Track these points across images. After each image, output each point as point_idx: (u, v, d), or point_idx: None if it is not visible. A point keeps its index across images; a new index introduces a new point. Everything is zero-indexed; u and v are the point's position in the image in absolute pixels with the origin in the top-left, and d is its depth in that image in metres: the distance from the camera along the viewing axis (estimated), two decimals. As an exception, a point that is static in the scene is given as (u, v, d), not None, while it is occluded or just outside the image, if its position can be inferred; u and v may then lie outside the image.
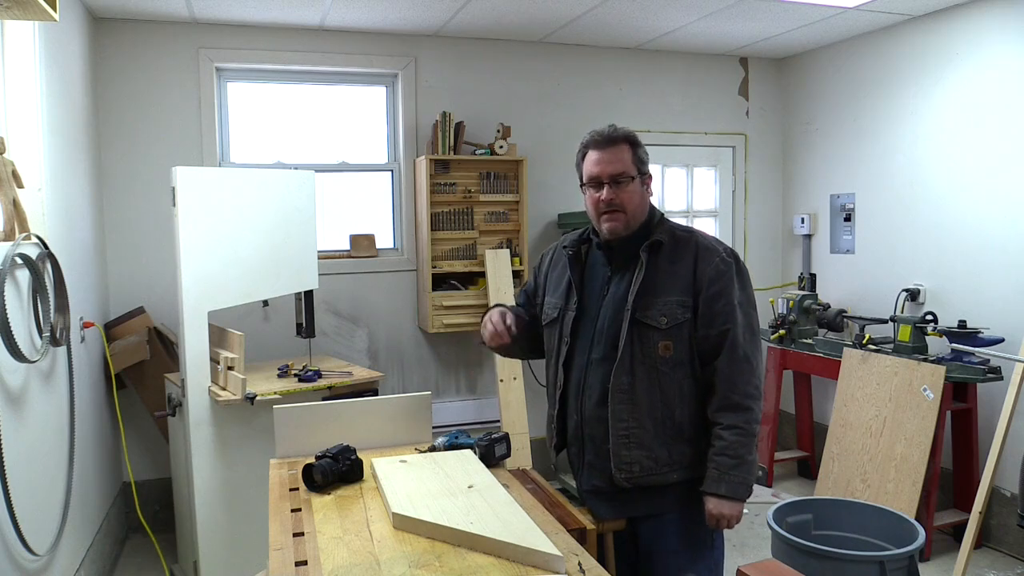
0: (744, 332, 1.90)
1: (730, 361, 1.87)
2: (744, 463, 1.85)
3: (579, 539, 1.61)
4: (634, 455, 1.88)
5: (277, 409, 2.09)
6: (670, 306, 1.88)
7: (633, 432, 1.88)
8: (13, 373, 2.35)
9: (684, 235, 1.98)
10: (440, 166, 4.23)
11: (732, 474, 1.83)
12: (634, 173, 1.94)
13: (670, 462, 1.90)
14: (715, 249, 1.95)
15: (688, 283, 1.90)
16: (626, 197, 1.92)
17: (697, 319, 1.89)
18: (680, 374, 1.90)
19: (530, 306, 2.19)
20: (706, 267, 1.91)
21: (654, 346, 1.88)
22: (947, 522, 3.72)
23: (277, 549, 1.50)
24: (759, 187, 5.17)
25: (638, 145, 1.97)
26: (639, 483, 1.89)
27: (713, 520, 1.87)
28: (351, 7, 3.80)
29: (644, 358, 1.88)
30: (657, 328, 1.88)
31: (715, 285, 1.89)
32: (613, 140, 1.95)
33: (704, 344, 1.90)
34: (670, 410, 1.90)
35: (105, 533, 3.49)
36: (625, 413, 1.88)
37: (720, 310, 1.89)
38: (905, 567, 2.59)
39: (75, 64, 3.43)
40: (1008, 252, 3.67)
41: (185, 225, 2.91)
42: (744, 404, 1.87)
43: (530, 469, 2.08)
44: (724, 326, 1.88)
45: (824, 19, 4.12)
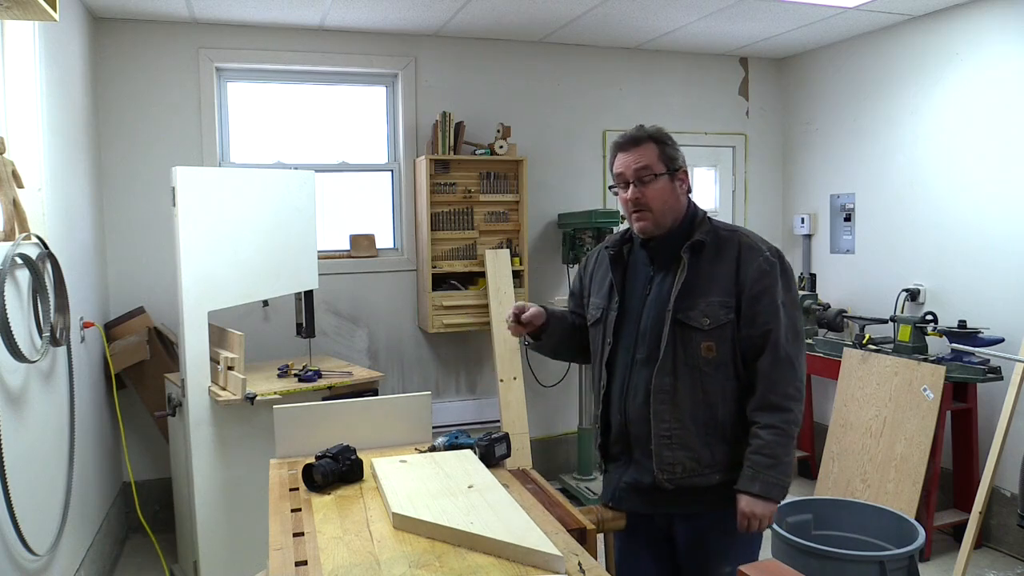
0: (787, 332, 1.88)
1: (772, 361, 1.86)
2: (780, 463, 1.84)
3: (579, 539, 1.61)
4: (677, 456, 1.88)
5: (277, 409, 2.09)
6: (712, 307, 1.87)
7: (675, 433, 1.88)
8: (13, 373, 2.35)
9: (727, 234, 1.95)
10: (440, 166, 4.23)
11: (767, 474, 1.82)
12: (660, 170, 1.92)
13: (712, 463, 1.89)
14: (758, 248, 1.92)
15: (731, 283, 1.88)
16: (652, 195, 1.91)
17: (740, 319, 1.88)
18: (723, 375, 1.89)
19: (577, 307, 2.19)
20: (749, 267, 1.89)
21: (696, 347, 1.87)
22: (947, 522, 3.72)
23: (277, 549, 1.50)
24: (759, 187, 5.17)
25: (666, 143, 1.96)
26: (681, 484, 1.89)
27: (744, 520, 1.85)
28: (351, 7, 3.80)
29: (687, 359, 1.87)
30: (700, 329, 1.87)
31: (758, 285, 1.87)
32: (637, 140, 1.95)
33: (746, 344, 1.88)
34: (712, 411, 1.89)
35: (105, 533, 3.49)
36: (667, 414, 1.88)
37: (763, 310, 1.87)
38: (905, 567, 2.59)
39: (75, 64, 3.43)
40: (1008, 252, 3.67)
41: (185, 225, 2.91)
42: (783, 404, 1.86)
43: (530, 469, 2.08)
44: (767, 326, 1.87)
45: (824, 19, 4.12)
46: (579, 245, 4.40)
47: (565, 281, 4.67)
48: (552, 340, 2.11)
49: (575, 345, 2.17)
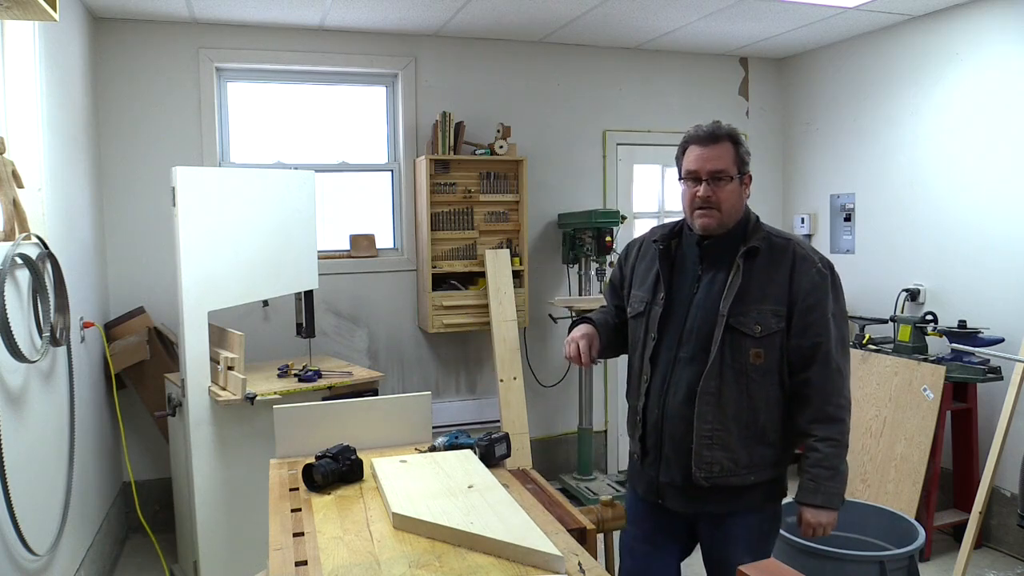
0: (837, 345, 1.91)
1: (823, 373, 1.89)
2: (838, 474, 1.89)
3: (579, 539, 1.61)
4: (716, 456, 1.90)
5: (277, 409, 2.09)
6: (764, 315, 1.89)
7: (717, 434, 1.90)
8: (13, 373, 2.35)
9: (781, 242, 1.97)
10: (440, 166, 4.23)
11: (828, 485, 1.87)
12: (734, 172, 1.95)
13: (750, 464, 1.92)
14: (812, 260, 1.94)
15: (784, 293, 1.90)
16: (723, 195, 1.92)
17: (790, 329, 1.90)
18: (769, 381, 1.91)
19: (616, 298, 2.20)
20: (802, 278, 1.90)
21: (746, 353, 1.89)
22: (947, 522, 3.72)
23: (277, 549, 1.50)
24: (759, 187, 5.14)
25: (741, 144, 1.99)
26: (717, 483, 1.92)
27: (810, 529, 1.90)
28: (351, 7, 3.80)
29: (735, 364, 1.89)
30: (751, 336, 1.89)
31: (811, 297, 1.89)
32: (716, 137, 1.95)
33: (795, 354, 1.91)
34: (755, 415, 1.91)
35: (105, 533, 3.49)
36: (710, 415, 1.90)
37: (814, 321, 1.89)
38: (905, 567, 2.59)
39: (75, 64, 3.43)
40: (1008, 252, 3.67)
41: (185, 225, 2.91)
42: (838, 415, 1.91)
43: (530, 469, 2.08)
44: (817, 338, 1.89)
45: (824, 19, 4.12)
46: (579, 245, 4.40)
47: (565, 281, 4.67)
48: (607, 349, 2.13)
49: (620, 343, 2.17)
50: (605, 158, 4.77)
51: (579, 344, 1.99)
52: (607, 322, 2.15)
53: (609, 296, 2.24)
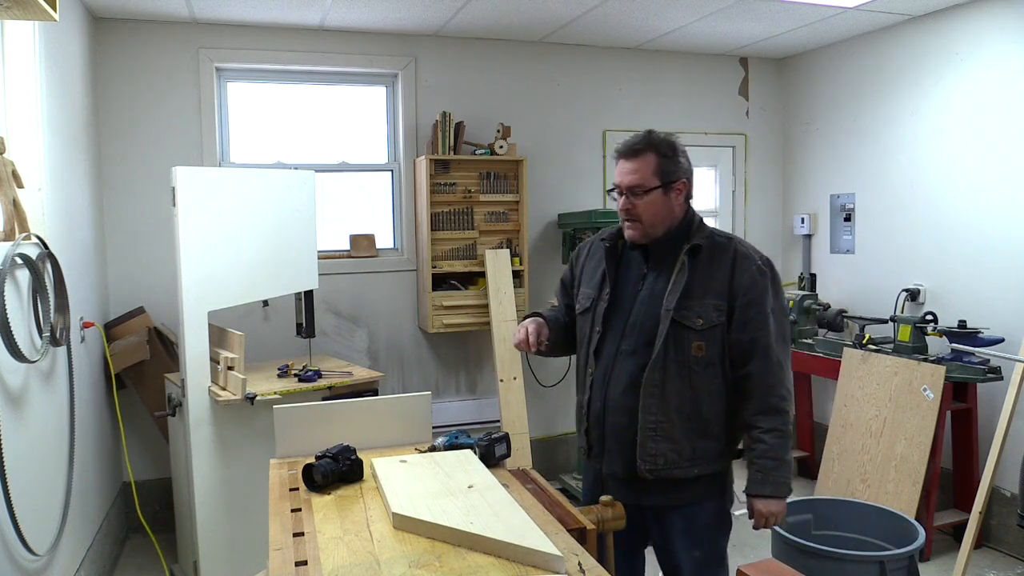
0: (776, 339, 1.97)
1: (764, 367, 1.95)
2: (784, 463, 1.96)
3: (579, 539, 1.61)
4: (660, 447, 1.96)
5: (277, 409, 2.09)
6: (706, 309, 1.95)
7: (661, 426, 1.96)
8: (13, 373, 2.35)
9: (723, 241, 2.04)
10: (440, 166, 4.23)
11: (775, 475, 1.94)
12: (653, 184, 1.97)
13: (693, 457, 1.98)
14: (752, 258, 2.02)
15: (724, 288, 1.97)
16: (642, 208, 1.97)
17: (731, 323, 1.97)
18: (711, 374, 1.97)
19: (567, 297, 2.27)
20: (743, 275, 1.98)
21: (688, 345, 1.95)
22: (947, 522, 3.72)
23: (277, 549, 1.50)
24: (759, 187, 5.17)
25: (667, 154, 1.99)
26: (661, 475, 1.97)
27: (762, 519, 1.98)
28: (351, 7, 3.80)
29: (678, 356, 1.96)
30: (693, 329, 1.95)
31: (750, 292, 1.96)
32: (637, 151, 1.99)
33: (736, 348, 1.97)
34: (698, 407, 1.97)
35: (105, 533, 3.49)
36: (655, 407, 1.96)
37: (753, 316, 1.96)
38: (905, 567, 2.59)
39: (75, 64, 3.43)
40: (1008, 252, 3.67)
41: (185, 225, 2.91)
42: (781, 407, 1.96)
43: (530, 469, 2.08)
44: (756, 332, 1.96)
45: (824, 19, 4.12)
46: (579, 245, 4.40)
47: (565, 281, 4.67)
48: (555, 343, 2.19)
49: (569, 340, 2.25)
50: (605, 158, 4.77)
51: (528, 328, 2.08)
52: (557, 319, 2.23)
53: (560, 296, 2.32)
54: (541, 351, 2.13)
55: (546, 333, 2.12)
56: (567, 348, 2.26)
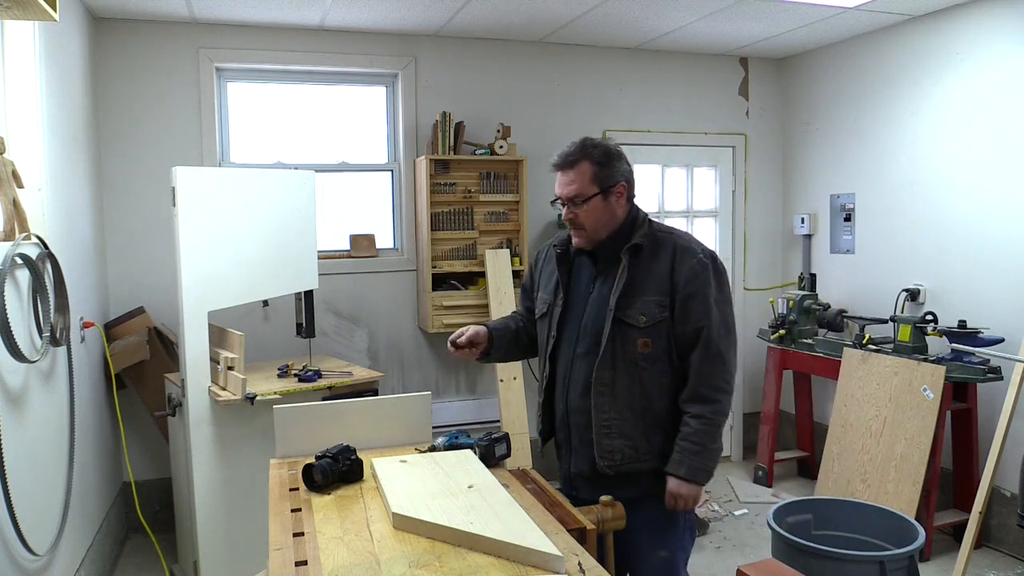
0: (719, 329, 2.00)
1: (703, 356, 1.99)
2: (706, 450, 1.98)
3: (579, 539, 1.61)
4: (616, 444, 2.02)
5: (277, 409, 2.09)
6: (649, 305, 2.00)
7: (614, 423, 2.02)
8: (13, 373, 2.35)
9: (663, 236, 2.07)
10: (440, 166, 4.23)
11: (692, 459, 1.97)
12: (592, 192, 2.01)
13: (649, 450, 2.03)
14: (692, 250, 2.04)
15: (666, 282, 2.01)
16: (584, 216, 2.03)
17: (674, 317, 2.00)
18: (658, 368, 2.02)
19: (527, 300, 2.34)
20: (683, 267, 2.01)
21: (634, 343, 2.00)
22: (947, 522, 3.72)
23: (277, 549, 1.50)
24: (759, 187, 5.17)
25: (602, 162, 2.02)
26: (620, 470, 2.03)
27: (672, 499, 2.00)
28: (351, 7, 3.80)
29: (625, 354, 2.00)
30: (636, 326, 1.99)
31: (691, 284, 1.99)
32: (571, 162, 2.03)
33: (680, 340, 2.01)
34: (649, 402, 2.02)
35: (105, 533, 3.49)
36: (607, 405, 2.01)
37: (695, 308, 1.99)
38: (905, 567, 2.59)
39: (75, 64, 3.43)
40: (1008, 252, 3.67)
41: (185, 225, 2.91)
42: (712, 396, 1.99)
43: (530, 469, 2.08)
44: (699, 323, 1.99)
45: (824, 19, 4.12)
46: (579, 245, 4.40)
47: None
48: (500, 352, 2.28)
49: (522, 346, 2.32)
50: (605, 158, 4.76)
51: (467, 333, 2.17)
52: (506, 325, 2.30)
53: (521, 300, 2.39)
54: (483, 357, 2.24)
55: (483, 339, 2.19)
56: (522, 352, 2.34)
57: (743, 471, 4.90)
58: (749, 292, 5.14)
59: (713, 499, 4.39)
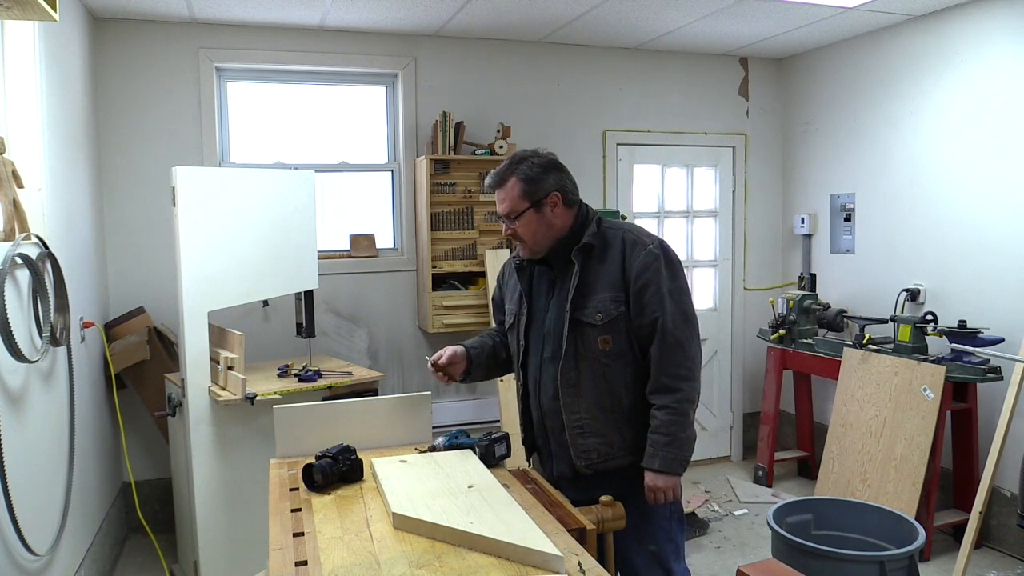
0: (674, 318, 2.00)
1: (661, 347, 2.00)
2: (676, 440, 1.98)
3: (579, 539, 1.61)
4: (590, 443, 2.04)
5: (277, 409, 2.09)
6: (604, 302, 2.01)
7: (585, 422, 2.04)
8: (13, 373, 2.35)
9: (612, 233, 2.09)
10: (440, 166, 4.23)
11: (665, 451, 1.98)
12: (523, 207, 2.03)
13: (624, 446, 2.05)
14: (641, 242, 2.05)
15: (618, 278, 2.02)
16: (522, 229, 2.05)
17: (630, 311, 2.02)
18: (621, 364, 2.03)
19: (499, 313, 2.35)
20: (633, 261, 2.02)
21: (594, 341, 2.02)
22: (947, 522, 3.72)
23: (277, 549, 1.50)
24: (759, 187, 5.17)
25: (530, 176, 2.05)
26: (598, 468, 2.05)
27: (650, 493, 2.01)
28: (351, 7, 3.80)
29: (586, 353, 2.03)
30: (594, 324, 2.01)
31: (643, 276, 2.00)
32: (502, 181, 2.07)
33: (639, 333, 2.03)
34: (617, 398, 2.04)
35: (105, 533, 3.49)
36: (575, 405, 2.04)
37: (649, 300, 2.00)
38: (905, 567, 2.59)
39: (75, 64, 3.43)
40: (1008, 252, 3.67)
41: (185, 225, 2.92)
42: (674, 385, 2.00)
43: (530, 469, 2.08)
44: (654, 315, 2.00)
45: (824, 19, 4.12)
46: (579, 245, 4.40)
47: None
48: (481, 371, 2.30)
49: (501, 361, 2.34)
50: (605, 158, 4.77)
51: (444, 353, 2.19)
52: (483, 344, 2.31)
53: (494, 315, 2.40)
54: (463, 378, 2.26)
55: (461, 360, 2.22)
56: (503, 368, 2.36)
57: (743, 471, 4.90)
58: (749, 292, 5.14)
59: (713, 499, 4.39)
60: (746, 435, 5.17)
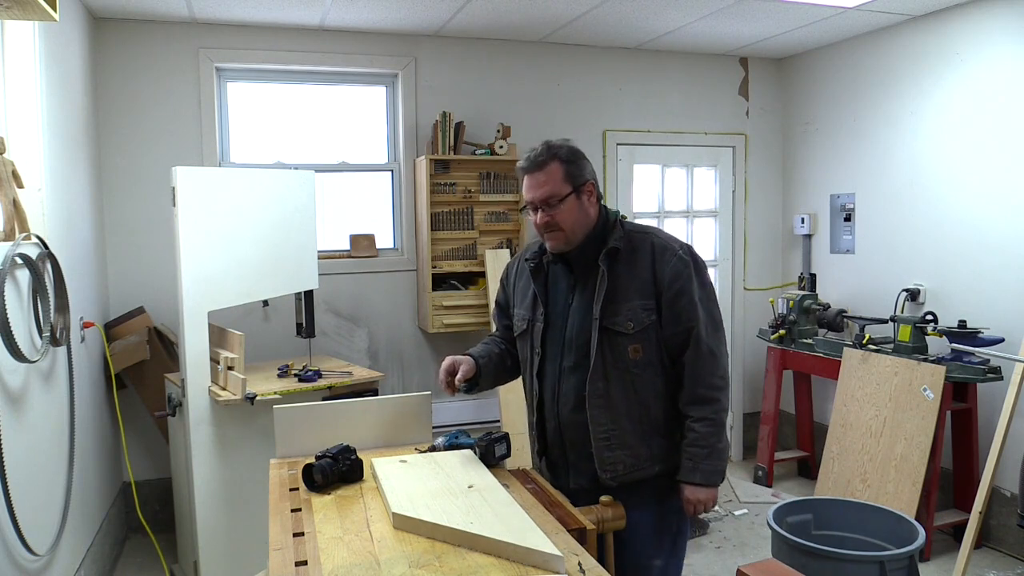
0: (707, 327, 1.97)
1: (695, 356, 1.95)
2: (715, 451, 1.95)
3: (579, 539, 1.61)
4: (617, 455, 1.97)
5: (277, 409, 2.09)
6: (635, 310, 1.95)
7: (613, 434, 1.96)
8: (13, 373, 2.35)
9: (639, 237, 2.02)
10: (440, 166, 4.23)
11: (705, 463, 1.94)
12: (566, 191, 1.95)
13: (651, 456, 1.99)
14: (671, 248, 1.99)
15: (649, 285, 1.96)
16: (561, 216, 1.95)
17: (661, 319, 1.96)
18: (651, 373, 1.97)
19: (504, 318, 2.24)
20: (664, 267, 1.96)
21: (624, 351, 1.95)
22: (947, 522, 3.72)
23: (277, 549, 1.50)
24: (759, 187, 5.17)
25: (571, 160, 1.97)
26: (622, 480, 1.97)
27: (690, 506, 1.97)
28: (351, 7, 3.80)
29: (616, 363, 1.95)
30: (625, 334, 1.94)
31: (675, 284, 1.95)
32: (541, 163, 1.96)
33: (671, 342, 1.97)
34: (645, 408, 1.98)
35: (105, 533, 3.49)
36: (603, 417, 1.96)
37: (683, 308, 1.95)
38: (905, 567, 2.59)
39: (75, 64, 3.43)
40: (1008, 252, 3.67)
41: (185, 225, 2.92)
42: (710, 395, 1.96)
43: (530, 469, 2.08)
44: (688, 324, 1.95)
45: (824, 19, 4.12)
46: (579, 245, 4.40)
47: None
48: (489, 379, 2.16)
49: (507, 368, 2.21)
50: (605, 158, 4.77)
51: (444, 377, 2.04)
52: (491, 352, 2.17)
53: (498, 318, 2.28)
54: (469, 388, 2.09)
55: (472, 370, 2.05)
56: (509, 375, 2.23)
57: (743, 471, 4.90)
58: (749, 292, 5.14)
59: (713, 499, 4.39)
60: (746, 435, 5.17)
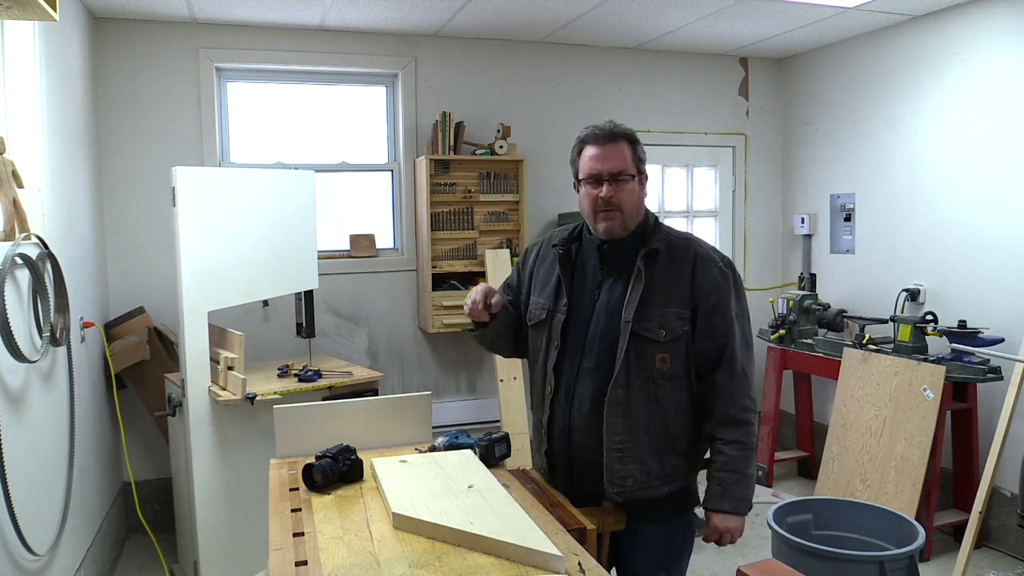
0: (741, 345, 1.87)
1: (730, 375, 1.85)
2: (745, 477, 1.86)
3: (579, 539, 1.61)
4: (628, 469, 1.84)
5: (277, 409, 2.09)
6: (668, 318, 1.83)
7: (627, 446, 1.84)
8: (13, 373, 2.35)
9: (681, 242, 1.91)
10: (440, 166, 4.23)
11: (735, 489, 1.85)
12: (634, 172, 1.87)
13: (662, 475, 1.87)
14: (712, 259, 1.89)
15: (686, 293, 1.85)
16: (624, 196, 1.85)
17: (695, 332, 1.85)
18: (676, 386, 1.86)
19: (512, 301, 2.11)
20: (704, 277, 1.86)
21: (651, 359, 1.83)
22: (947, 522, 3.72)
23: (277, 549, 1.50)
24: (759, 187, 5.17)
25: (637, 143, 1.91)
26: (629, 496, 1.86)
27: (716, 535, 1.87)
28: (351, 7, 3.80)
29: (641, 371, 1.83)
30: (656, 341, 1.82)
31: (713, 297, 1.85)
32: (614, 136, 1.87)
33: (701, 357, 1.86)
34: (665, 423, 1.86)
35: (105, 533, 3.49)
36: (620, 427, 1.84)
37: (719, 323, 1.85)
38: (905, 567, 2.59)
39: (75, 64, 3.43)
40: (1008, 252, 3.67)
41: (185, 225, 2.92)
42: (744, 418, 1.86)
43: (530, 469, 2.07)
44: (723, 340, 1.85)
45: (824, 19, 4.12)
46: (579, 245, 4.40)
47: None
48: (494, 331, 2.04)
49: (512, 338, 2.10)
50: (605, 158, 4.76)
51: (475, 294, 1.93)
52: (507, 308, 2.05)
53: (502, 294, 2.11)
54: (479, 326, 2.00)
55: (497, 298, 1.95)
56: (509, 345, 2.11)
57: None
58: (749, 292, 5.10)
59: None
60: (746, 435, 5.17)
